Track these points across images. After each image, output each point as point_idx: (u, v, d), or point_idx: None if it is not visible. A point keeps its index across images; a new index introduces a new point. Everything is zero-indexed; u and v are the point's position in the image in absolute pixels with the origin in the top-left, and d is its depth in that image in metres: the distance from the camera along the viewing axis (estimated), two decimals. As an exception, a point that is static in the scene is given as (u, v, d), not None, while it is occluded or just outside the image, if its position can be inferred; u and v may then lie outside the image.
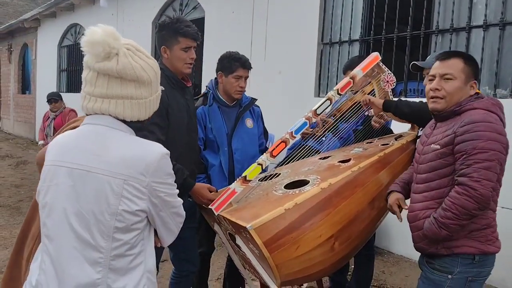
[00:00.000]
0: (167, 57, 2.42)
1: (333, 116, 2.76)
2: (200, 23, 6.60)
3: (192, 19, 7.26)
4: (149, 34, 8.34)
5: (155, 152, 1.41)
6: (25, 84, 15.31)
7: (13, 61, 15.61)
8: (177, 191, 1.52)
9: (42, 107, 12.93)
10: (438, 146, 1.91)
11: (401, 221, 2.12)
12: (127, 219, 1.36)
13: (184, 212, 1.59)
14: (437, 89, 1.96)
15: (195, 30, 2.42)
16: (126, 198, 1.35)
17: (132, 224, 1.38)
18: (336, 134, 2.76)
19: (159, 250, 2.35)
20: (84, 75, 1.42)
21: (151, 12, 8.27)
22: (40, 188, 1.45)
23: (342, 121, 2.73)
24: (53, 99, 6.13)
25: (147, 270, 1.45)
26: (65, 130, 1.96)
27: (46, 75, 12.80)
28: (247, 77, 2.87)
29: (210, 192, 2.44)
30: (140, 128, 1.50)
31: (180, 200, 1.54)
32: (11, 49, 15.66)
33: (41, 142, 6.37)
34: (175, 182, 2.27)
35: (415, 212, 1.99)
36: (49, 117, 6.20)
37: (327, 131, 2.74)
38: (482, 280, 1.92)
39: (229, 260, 3.04)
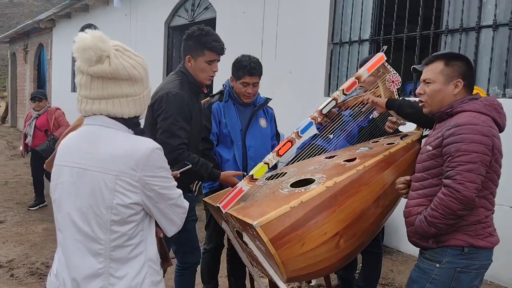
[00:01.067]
0: (190, 66, 2.51)
1: (338, 108, 2.77)
2: (211, 23, 6.67)
3: (204, 19, 7.33)
4: (161, 34, 8.44)
5: (145, 147, 1.47)
6: (41, 84, 15.52)
7: (29, 61, 15.87)
8: (175, 183, 1.58)
9: (57, 106, 13.12)
10: (430, 148, 1.98)
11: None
12: (122, 212, 1.44)
13: (187, 203, 1.64)
14: (420, 93, 2.08)
15: (221, 45, 2.50)
16: (119, 193, 1.43)
17: (128, 217, 1.46)
18: (341, 128, 2.78)
19: (167, 242, 2.43)
20: (77, 79, 1.50)
21: (163, 12, 8.36)
22: (50, 187, 1.58)
23: (348, 116, 2.76)
24: (37, 97, 5.94)
25: (148, 259, 1.52)
26: (69, 132, 2.07)
27: (61, 75, 13.01)
28: (256, 83, 2.91)
29: (237, 176, 2.55)
30: (138, 124, 1.57)
31: (179, 192, 1.60)
32: (27, 49, 15.91)
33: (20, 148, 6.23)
34: (202, 174, 2.42)
35: (409, 208, 2.06)
36: (31, 116, 6.04)
37: (332, 123, 2.76)
38: (474, 273, 1.93)
39: (229, 256, 3.08)
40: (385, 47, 2.73)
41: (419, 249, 2.08)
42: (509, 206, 3.46)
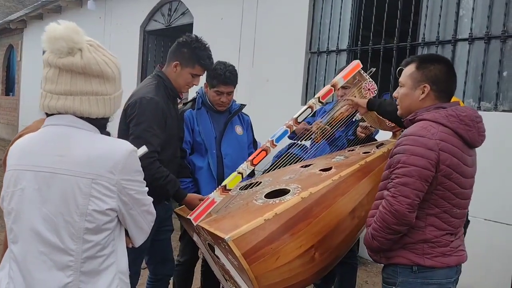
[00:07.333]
0: (174, 71, 2.44)
1: (329, 124, 2.75)
2: (188, 28, 6.57)
3: (181, 24, 7.23)
4: (136, 38, 8.28)
5: (123, 149, 1.38)
6: (9, 86, 15.10)
7: (-2, 62, 15.41)
8: (147, 189, 1.49)
9: (26, 109, 12.78)
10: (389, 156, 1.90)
11: None
12: (97, 219, 1.33)
13: (155, 211, 1.55)
14: (395, 96, 2.01)
15: (212, 63, 2.53)
16: (95, 198, 1.32)
17: (103, 224, 1.35)
18: (332, 143, 2.74)
19: (139, 254, 2.31)
20: (44, 73, 1.37)
21: (139, 16, 8.21)
22: (4, 195, 1.40)
23: (337, 129, 2.74)
24: None
25: (119, 270, 1.41)
26: (20, 136, 1.90)
27: (31, 77, 12.62)
28: (231, 92, 2.81)
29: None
30: (104, 126, 1.46)
31: (150, 198, 1.51)
32: (-4, 50, 15.46)
33: None
34: (167, 190, 2.29)
35: (367, 219, 1.97)
36: None
37: (323, 138, 2.73)
38: None
39: (204, 267, 2.99)
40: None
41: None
42: (483, 219, 3.46)
